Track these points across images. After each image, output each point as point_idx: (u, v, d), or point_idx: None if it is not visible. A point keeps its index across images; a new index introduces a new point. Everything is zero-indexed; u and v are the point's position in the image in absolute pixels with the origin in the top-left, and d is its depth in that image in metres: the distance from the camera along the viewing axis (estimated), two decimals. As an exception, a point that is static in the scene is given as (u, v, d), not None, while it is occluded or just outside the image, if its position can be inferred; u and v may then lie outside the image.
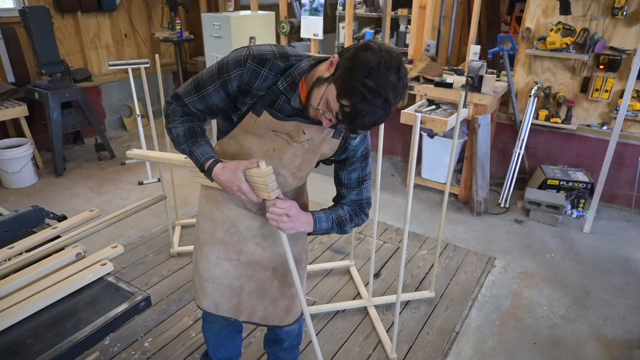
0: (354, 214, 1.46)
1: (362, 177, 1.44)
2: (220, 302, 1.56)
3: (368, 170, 1.44)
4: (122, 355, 2.17)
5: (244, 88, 1.23)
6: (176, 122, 1.34)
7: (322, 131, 1.30)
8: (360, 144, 1.37)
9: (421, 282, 2.76)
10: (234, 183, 1.26)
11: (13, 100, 4.08)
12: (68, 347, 1.04)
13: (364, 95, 1.04)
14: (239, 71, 1.20)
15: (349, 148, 1.36)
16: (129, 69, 3.66)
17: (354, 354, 2.22)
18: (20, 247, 1.39)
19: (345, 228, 1.44)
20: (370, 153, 1.43)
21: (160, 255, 2.95)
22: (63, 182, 3.99)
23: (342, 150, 1.37)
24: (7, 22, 4.10)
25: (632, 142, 3.43)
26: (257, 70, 1.20)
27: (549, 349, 2.28)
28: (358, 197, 1.46)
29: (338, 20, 5.36)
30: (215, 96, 1.26)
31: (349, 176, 1.42)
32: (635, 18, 3.19)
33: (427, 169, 3.88)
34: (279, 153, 1.32)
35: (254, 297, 1.56)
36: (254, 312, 1.58)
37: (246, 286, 1.54)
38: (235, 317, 1.59)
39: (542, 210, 3.42)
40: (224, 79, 1.23)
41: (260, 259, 1.51)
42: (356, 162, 1.40)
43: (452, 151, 2.23)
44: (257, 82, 1.21)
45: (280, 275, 1.55)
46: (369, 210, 1.50)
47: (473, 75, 3.24)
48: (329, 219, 1.41)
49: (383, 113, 1.07)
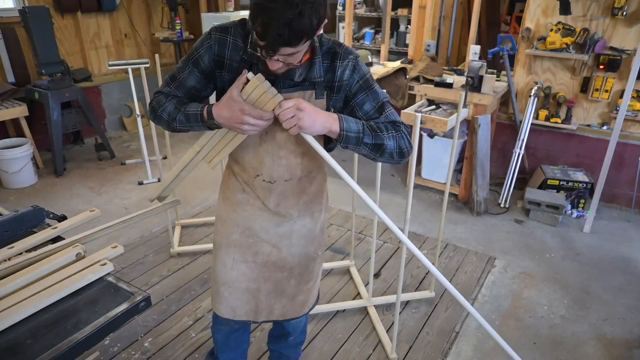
0: (390, 126, 1.29)
1: (377, 104, 1.30)
2: (238, 307, 1.55)
3: (381, 97, 1.31)
4: (122, 355, 2.17)
5: (217, 59, 1.25)
6: (162, 105, 1.31)
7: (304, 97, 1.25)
8: (352, 75, 1.28)
9: (421, 282, 2.76)
10: (236, 109, 1.17)
11: (13, 100, 4.08)
12: (68, 347, 1.04)
13: (261, 5, 1.02)
14: (207, 44, 1.24)
15: (342, 85, 1.28)
16: (129, 69, 3.66)
17: (354, 354, 2.22)
18: (20, 247, 1.39)
19: (383, 138, 1.25)
20: (372, 83, 1.31)
21: (160, 255, 2.95)
22: (63, 182, 3.99)
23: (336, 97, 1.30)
24: (7, 22, 4.10)
25: (632, 142, 3.43)
26: (223, 38, 1.23)
27: (549, 349, 2.27)
28: (386, 120, 1.30)
29: (338, 20, 5.37)
30: (190, 78, 1.29)
31: (363, 110, 1.30)
32: (635, 18, 3.19)
33: (427, 169, 3.88)
34: (272, 133, 1.31)
35: (272, 297, 1.55)
36: (272, 311, 1.58)
37: (263, 287, 1.53)
38: (254, 320, 1.58)
39: (542, 210, 3.42)
40: (195, 58, 1.27)
41: (276, 260, 1.50)
42: (358, 93, 1.29)
43: (452, 151, 2.23)
44: (226, 50, 1.24)
45: (297, 274, 1.55)
46: (407, 130, 1.31)
47: (473, 75, 3.24)
48: (358, 122, 1.25)
49: (290, 14, 1.00)
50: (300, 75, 1.24)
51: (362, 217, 3.43)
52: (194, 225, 3.31)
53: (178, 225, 3.24)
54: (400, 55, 4.73)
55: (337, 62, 1.26)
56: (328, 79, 1.27)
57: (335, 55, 1.26)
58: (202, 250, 2.99)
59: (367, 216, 3.44)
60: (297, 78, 1.25)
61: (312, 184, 1.46)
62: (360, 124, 1.25)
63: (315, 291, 1.66)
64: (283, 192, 1.41)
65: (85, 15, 4.70)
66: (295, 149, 1.34)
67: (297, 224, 1.49)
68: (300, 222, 1.49)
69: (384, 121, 1.30)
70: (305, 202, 1.46)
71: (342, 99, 1.32)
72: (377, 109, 1.31)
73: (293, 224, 1.48)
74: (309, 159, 1.39)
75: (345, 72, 1.27)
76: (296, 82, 1.25)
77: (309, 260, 1.56)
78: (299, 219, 1.48)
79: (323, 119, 1.19)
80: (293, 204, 1.44)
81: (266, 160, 1.35)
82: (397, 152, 1.29)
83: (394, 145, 1.27)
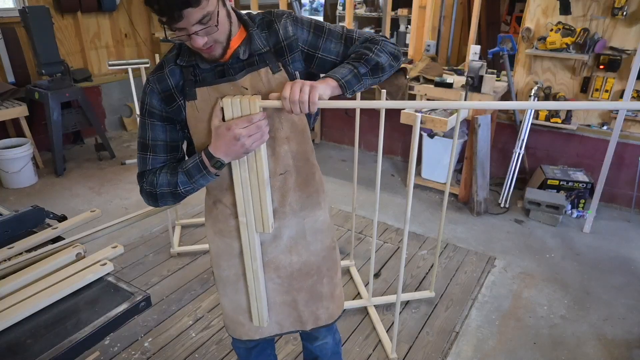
0: (369, 45, 1.22)
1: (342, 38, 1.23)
2: (282, 319, 1.47)
3: (340, 30, 1.25)
4: (122, 355, 2.17)
5: (164, 96, 1.19)
6: (156, 184, 1.23)
7: (260, 77, 1.18)
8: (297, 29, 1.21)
9: (421, 282, 2.76)
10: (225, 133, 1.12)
11: (13, 100, 4.09)
12: (68, 347, 1.04)
13: None
14: (149, 89, 1.19)
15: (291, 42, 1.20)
16: (129, 69, 3.65)
17: (354, 354, 2.22)
18: (20, 247, 1.39)
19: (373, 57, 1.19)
20: (322, 24, 1.24)
21: (160, 255, 2.95)
22: (63, 182, 3.99)
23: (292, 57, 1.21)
24: (7, 22, 4.11)
25: (632, 142, 3.43)
26: (160, 75, 1.19)
27: (549, 349, 2.28)
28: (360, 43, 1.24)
29: (338, 20, 5.37)
30: (157, 133, 1.22)
31: (332, 52, 1.23)
32: (635, 18, 3.19)
33: (427, 169, 3.88)
34: None
35: (312, 304, 1.47)
36: (318, 317, 1.50)
37: (299, 298, 1.45)
38: (302, 329, 1.51)
39: (542, 210, 3.42)
40: (147, 110, 1.21)
41: (300, 267, 1.41)
42: (317, 42, 1.22)
43: (452, 151, 2.23)
44: (168, 81, 1.18)
45: (326, 271, 1.46)
46: (385, 37, 1.26)
47: (473, 75, 3.25)
48: (343, 66, 1.19)
49: None
50: (245, 52, 1.19)
51: (362, 217, 3.43)
52: (194, 225, 3.31)
53: (178, 225, 3.24)
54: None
55: (274, 25, 1.20)
56: (274, 43, 1.20)
57: (270, 22, 1.21)
58: (202, 250, 2.99)
59: (367, 216, 3.44)
60: (243, 55, 1.18)
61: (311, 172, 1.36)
62: (348, 65, 1.18)
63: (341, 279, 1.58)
64: (282, 188, 1.30)
65: (85, 15, 4.70)
66: (275, 135, 1.24)
67: (306, 220, 1.39)
68: (309, 217, 1.39)
69: (360, 46, 1.23)
70: (308, 195, 1.36)
71: (300, 58, 1.23)
72: (344, 42, 1.24)
73: (303, 221, 1.38)
74: (297, 143, 1.28)
75: (288, 29, 1.20)
76: (245, 63, 1.18)
77: (330, 251, 1.49)
78: (306, 214, 1.38)
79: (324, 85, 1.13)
80: (297, 199, 1.34)
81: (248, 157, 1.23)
82: (392, 59, 1.25)
83: (386, 57, 1.22)
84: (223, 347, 2.24)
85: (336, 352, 1.74)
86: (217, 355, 2.19)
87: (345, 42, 1.24)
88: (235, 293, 1.44)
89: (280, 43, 1.20)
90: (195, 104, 1.18)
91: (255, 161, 1.20)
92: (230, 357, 2.18)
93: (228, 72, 1.18)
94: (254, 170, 1.21)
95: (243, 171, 1.21)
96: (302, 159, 1.31)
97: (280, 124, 1.23)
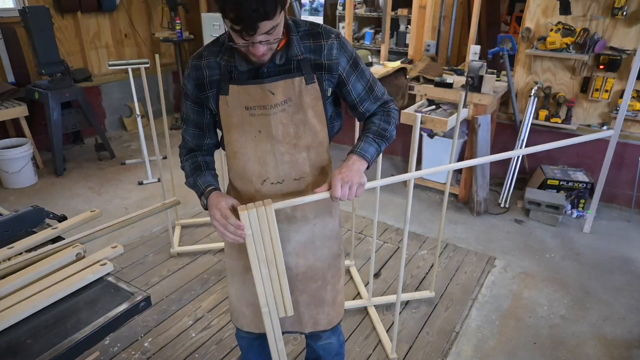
0: (385, 115, 1.39)
1: (367, 85, 1.35)
2: (283, 318, 1.49)
3: (368, 75, 1.36)
4: (122, 355, 2.17)
5: (197, 83, 1.28)
6: (183, 162, 1.42)
7: (293, 86, 1.23)
8: (340, 55, 1.27)
9: (421, 282, 2.76)
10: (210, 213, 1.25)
11: (13, 100, 4.09)
12: (68, 347, 1.04)
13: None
14: (187, 73, 1.30)
15: (332, 64, 1.26)
16: (129, 69, 3.66)
17: (354, 354, 2.22)
18: (20, 247, 1.39)
19: (387, 134, 1.37)
20: (359, 61, 1.33)
21: (160, 255, 2.95)
22: (63, 182, 3.99)
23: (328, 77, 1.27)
24: (7, 22, 4.10)
25: (632, 142, 3.43)
26: (197, 63, 1.27)
27: (549, 349, 2.28)
28: (375, 101, 1.39)
29: (338, 20, 5.37)
30: (190, 112, 1.35)
31: (356, 91, 1.34)
32: (635, 18, 3.19)
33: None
34: (266, 131, 1.27)
35: (312, 307, 1.51)
36: (318, 321, 1.54)
37: (301, 299, 1.49)
38: (301, 330, 1.55)
39: (542, 210, 3.42)
40: (185, 92, 1.33)
41: (306, 270, 1.45)
42: (350, 75, 1.31)
43: (452, 151, 2.23)
44: (203, 71, 1.27)
45: (330, 278, 1.51)
46: (392, 102, 1.43)
47: (473, 75, 3.25)
48: (368, 141, 1.33)
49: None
50: (282, 57, 1.22)
51: (362, 217, 3.43)
52: (194, 225, 3.31)
53: (178, 225, 3.24)
54: (400, 55, 4.73)
55: (321, 41, 1.24)
56: (315, 58, 1.25)
57: (317, 35, 1.25)
58: (202, 250, 2.99)
59: (367, 216, 3.44)
60: (279, 60, 1.22)
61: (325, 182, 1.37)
62: (373, 142, 1.33)
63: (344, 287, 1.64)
64: (295, 194, 1.34)
65: (85, 15, 4.70)
66: (296, 142, 1.29)
67: (317, 226, 1.43)
68: (319, 223, 1.43)
69: (375, 105, 1.39)
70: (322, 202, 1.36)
71: (334, 81, 1.30)
72: (368, 89, 1.36)
73: (313, 227, 1.42)
74: (316, 153, 1.33)
75: (333, 51, 1.25)
76: (281, 69, 1.23)
77: (336, 259, 1.52)
78: (317, 220, 1.42)
79: (356, 165, 1.25)
80: (309, 206, 1.38)
81: (268, 160, 1.30)
82: (395, 127, 1.41)
83: (394, 127, 1.39)
84: (223, 347, 2.24)
85: (340, 354, 1.76)
86: (217, 355, 2.19)
87: (368, 90, 1.36)
88: (242, 284, 1.49)
89: (321, 59, 1.25)
90: (227, 99, 1.26)
91: (274, 255, 1.27)
92: (230, 357, 2.18)
93: (262, 75, 1.23)
94: (273, 264, 1.28)
95: (263, 268, 1.27)
96: (318, 167, 1.36)
97: (304, 132, 1.29)
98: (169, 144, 2.93)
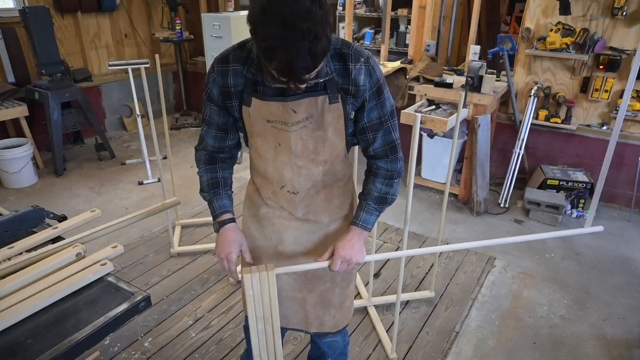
0: (387, 179, 1.36)
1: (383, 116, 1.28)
2: (290, 315, 1.54)
3: (387, 108, 1.28)
4: (122, 355, 2.17)
5: (223, 91, 1.25)
6: (201, 169, 1.41)
7: (316, 104, 1.20)
8: (366, 82, 1.21)
9: (421, 282, 2.76)
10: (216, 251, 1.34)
11: (13, 100, 4.09)
12: (68, 347, 1.04)
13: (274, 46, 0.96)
14: (212, 78, 1.25)
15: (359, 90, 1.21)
16: (129, 69, 3.66)
17: (354, 354, 2.22)
18: (20, 247, 1.39)
19: (389, 197, 1.38)
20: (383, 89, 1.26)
21: (160, 255, 2.95)
22: (63, 182, 3.99)
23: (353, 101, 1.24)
24: (7, 22, 4.10)
25: (632, 142, 3.43)
26: (224, 69, 1.22)
27: (549, 349, 2.28)
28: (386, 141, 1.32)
29: (338, 20, 5.37)
30: (213, 114, 1.32)
31: (369, 117, 1.27)
32: (635, 18, 3.19)
33: (427, 169, 3.88)
34: (285, 145, 1.26)
35: (319, 308, 1.52)
36: (323, 322, 1.55)
37: (309, 298, 1.51)
38: (306, 330, 1.57)
39: (542, 210, 3.42)
40: (208, 94, 1.29)
41: (316, 269, 1.43)
42: (370, 101, 1.25)
43: (452, 151, 2.24)
44: (229, 79, 1.22)
45: (339, 281, 1.51)
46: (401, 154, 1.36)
47: (473, 75, 3.25)
48: (370, 210, 1.36)
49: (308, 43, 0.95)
50: None
51: (362, 217, 3.43)
52: (194, 225, 3.31)
53: (178, 225, 3.24)
54: (400, 55, 4.73)
55: (349, 64, 1.19)
56: (343, 82, 1.21)
57: (346, 57, 1.19)
58: (202, 250, 2.99)
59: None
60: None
61: (340, 190, 1.42)
62: (374, 210, 1.37)
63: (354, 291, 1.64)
64: (309, 200, 1.38)
65: (85, 15, 4.70)
66: (314, 158, 1.29)
67: (330, 229, 1.44)
68: (333, 226, 1.45)
69: (383, 147, 1.32)
70: (336, 206, 1.43)
71: (358, 105, 1.26)
72: (382, 121, 1.29)
73: (326, 230, 1.44)
74: (331, 166, 1.34)
75: (361, 77, 1.20)
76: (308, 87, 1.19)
77: None
78: (330, 224, 1.44)
79: (358, 242, 1.33)
80: (322, 210, 1.41)
81: (285, 172, 1.31)
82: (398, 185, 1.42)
83: (397, 188, 1.40)
84: (223, 347, 2.24)
85: (344, 354, 1.77)
86: (217, 355, 2.19)
87: (381, 122, 1.29)
88: None
89: (348, 84, 1.21)
90: (249, 111, 1.24)
91: (271, 314, 1.33)
92: (230, 357, 2.19)
93: (287, 92, 1.18)
94: (269, 322, 1.34)
95: (259, 324, 1.34)
96: (331, 174, 1.37)
97: (323, 148, 1.29)
98: (169, 144, 2.93)
